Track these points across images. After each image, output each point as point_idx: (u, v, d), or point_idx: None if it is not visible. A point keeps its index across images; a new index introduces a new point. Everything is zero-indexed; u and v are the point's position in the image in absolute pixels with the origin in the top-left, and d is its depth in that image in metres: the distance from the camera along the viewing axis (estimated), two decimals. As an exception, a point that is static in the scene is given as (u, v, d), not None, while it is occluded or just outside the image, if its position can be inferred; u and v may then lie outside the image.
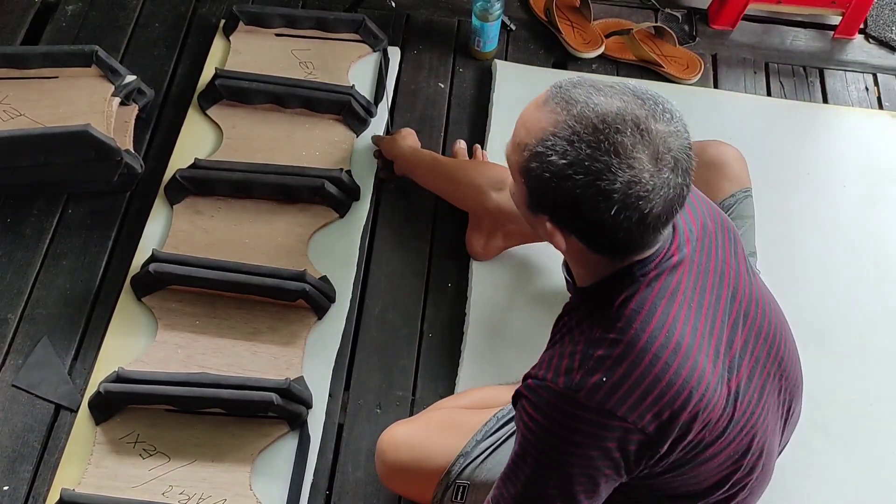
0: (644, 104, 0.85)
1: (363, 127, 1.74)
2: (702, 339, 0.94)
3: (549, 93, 0.88)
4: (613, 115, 0.83)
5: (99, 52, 1.65)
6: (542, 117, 0.86)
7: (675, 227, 0.95)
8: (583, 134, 0.82)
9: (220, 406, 1.36)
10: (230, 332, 1.47)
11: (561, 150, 0.83)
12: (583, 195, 0.83)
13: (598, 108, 0.83)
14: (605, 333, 0.91)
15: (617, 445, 0.90)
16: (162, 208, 1.60)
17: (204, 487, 1.32)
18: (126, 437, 1.35)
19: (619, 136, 0.82)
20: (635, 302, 0.91)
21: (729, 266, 1.02)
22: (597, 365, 0.89)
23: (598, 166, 0.82)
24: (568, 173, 0.83)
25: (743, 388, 0.99)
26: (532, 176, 0.87)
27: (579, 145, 0.82)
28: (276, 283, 1.46)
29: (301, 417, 1.37)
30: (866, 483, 1.43)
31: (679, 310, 0.93)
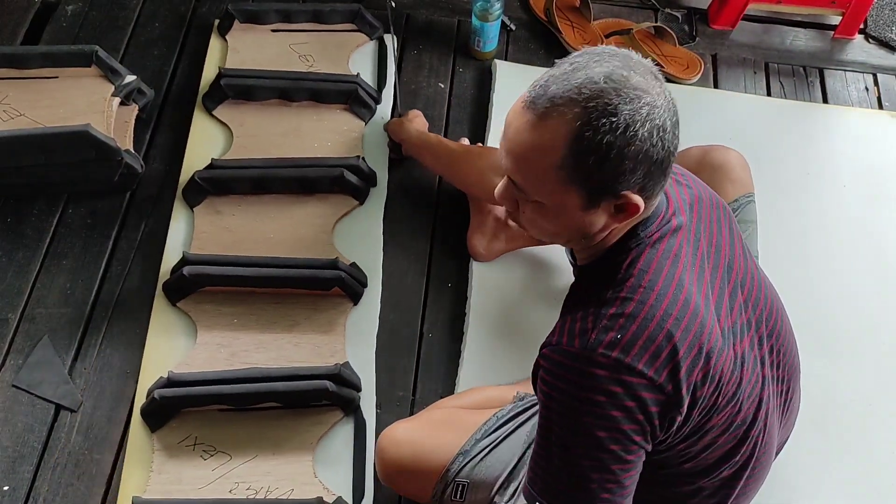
0: (608, 54, 0.88)
1: (370, 114, 1.76)
2: (706, 300, 0.96)
3: (534, 110, 0.87)
4: (610, 70, 0.85)
5: (99, 52, 1.65)
6: (555, 127, 0.86)
7: (668, 194, 0.99)
8: (611, 100, 0.84)
9: (276, 399, 1.38)
10: (270, 327, 1.48)
11: (607, 126, 0.84)
12: (651, 141, 0.85)
13: (594, 76, 0.85)
14: (616, 293, 0.92)
15: (637, 405, 0.90)
16: (182, 212, 1.61)
17: (269, 480, 1.33)
18: (184, 440, 1.37)
19: (633, 79, 0.85)
20: (642, 262, 0.93)
21: (724, 238, 1.04)
22: (610, 323, 0.90)
23: (645, 109, 0.84)
24: (630, 134, 0.84)
25: (747, 353, 1.01)
26: (588, 174, 0.87)
27: (617, 109, 0.84)
28: (311, 273, 1.49)
29: (354, 402, 1.40)
30: (866, 483, 1.43)
31: (683, 271, 0.95)
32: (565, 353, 0.92)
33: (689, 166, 1.35)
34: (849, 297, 1.62)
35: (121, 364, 1.47)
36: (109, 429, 1.40)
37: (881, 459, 1.45)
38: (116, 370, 1.46)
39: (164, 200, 1.65)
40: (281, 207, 1.62)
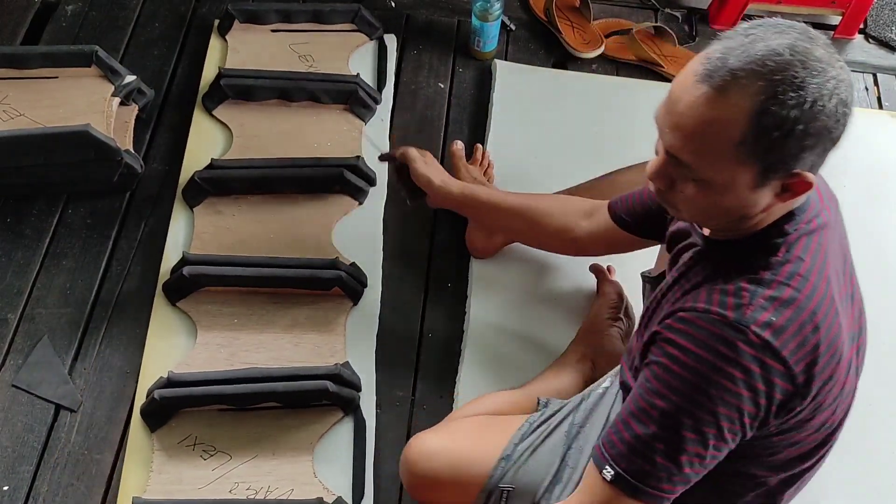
0: (782, 25, 0.86)
1: (370, 114, 1.76)
2: (842, 302, 0.96)
3: (710, 83, 0.83)
4: (792, 42, 0.83)
5: (99, 52, 1.65)
6: (737, 101, 0.82)
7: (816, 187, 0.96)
8: (798, 73, 0.81)
9: (276, 399, 1.37)
10: (270, 327, 1.48)
11: (794, 100, 0.81)
12: (834, 116, 0.83)
13: (778, 47, 0.82)
14: (773, 275, 0.90)
15: (766, 390, 0.89)
16: (182, 212, 1.61)
17: (269, 480, 1.33)
18: (184, 440, 1.36)
19: (816, 52, 0.82)
20: (799, 249, 0.92)
21: (846, 243, 1.04)
22: (766, 303, 0.88)
23: (832, 83, 0.82)
24: (818, 108, 0.81)
25: (852, 361, 1.01)
26: (769, 150, 0.83)
27: (804, 82, 0.81)
28: (311, 273, 1.49)
29: (354, 402, 1.40)
30: (866, 483, 1.43)
31: (830, 269, 0.94)
32: (716, 321, 0.89)
33: None
34: (849, 297, 1.62)
35: (121, 364, 1.47)
36: (109, 429, 1.40)
37: (881, 459, 1.45)
38: (116, 370, 1.46)
39: (164, 200, 1.65)
40: (281, 208, 1.62)
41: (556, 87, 1.87)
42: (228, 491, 1.32)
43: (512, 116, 1.80)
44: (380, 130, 1.76)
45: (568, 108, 1.83)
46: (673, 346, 0.91)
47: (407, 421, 1.45)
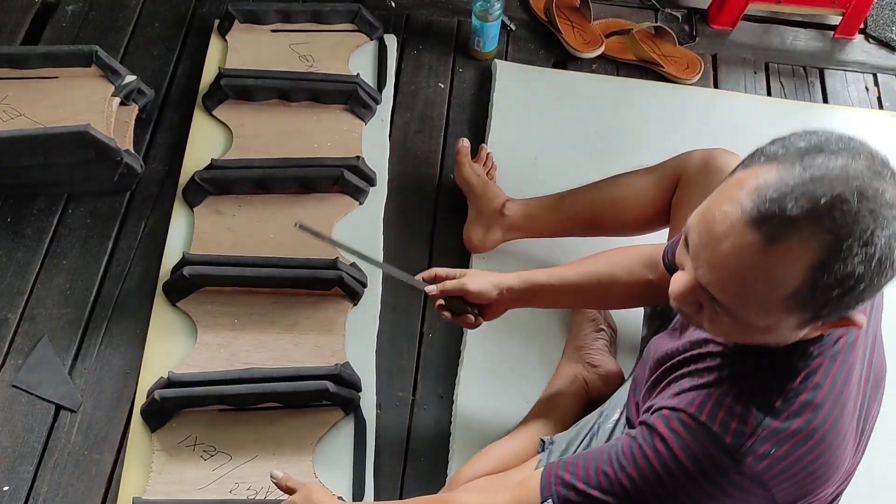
0: (842, 150, 0.74)
1: (370, 114, 1.76)
2: (854, 419, 0.92)
3: (762, 231, 0.73)
4: (860, 185, 0.71)
5: (99, 52, 1.65)
6: (794, 255, 0.72)
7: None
8: (868, 226, 0.71)
9: (276, 400, 1.37)
10: (270, 327, 1.48)
11: (861, 257, 0.71)
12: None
13: (844, 193, 0.71)
14: (785, 405, 0.85)
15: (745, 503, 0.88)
16: (181, 212, 1.61)
17: (269, 480, 1.32)
18: (184, 440, 1.36)
19: (887, 194, 0.72)
20: (819, 376, 0.85)
21: (873, 328, 0.96)
22: (770, 435, 0.84)
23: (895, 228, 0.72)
24: (887, 264, 0.73)
25: (857, 459, 0.99)
26: (824, 304, 0.75)
27: (874, 236, 0.71)
28: (311, 273, 1.49)
29: (354, 402, 1.40)
30: (866, 483, 1.42)
31: (850, 388, 0.88)
32: (712, 441, 0.85)
33: (691, 171, 1.33)
34: (849, 297, 1.62)
35: (121, 364, 1.47)
36: (109, 429, 1.40)
37: (881, 459, 1.45)
38: (116, 370, 1.46)
39: (164, 200, 1.65)
40: (281, 208, 1.62)
41: (556, 87, 1.87)
42: (229, 491, 1.32)
43: (512, 116, 1.80)
44: (380, 132, 1.76)
45: (568, 108, 1.83)
46: (663, 443, 0.89)
47: (407, 421, 1.45)
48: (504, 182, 1.67)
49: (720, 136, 1.78)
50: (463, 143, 1.67)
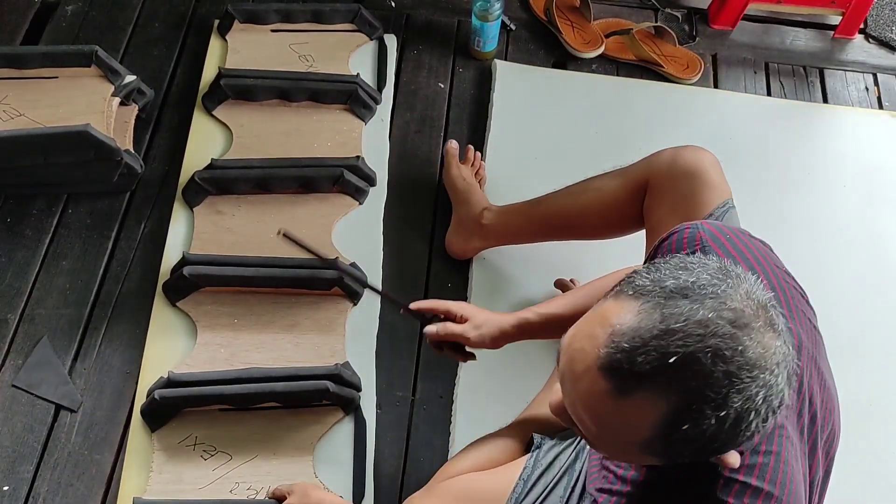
0: (710, 298, 0.71)
1: (370, 114, 1.76)
2: (802, 486, 0.88)
3: (612, 382, 0.71)
4: (718, 344, 0.68)
5: (99, 52, 1.65)
6: (643, 409, 0.71)
7: None
8: (720, 389, 0.68)
9: (276, 400, 1.37)
10: (270, 327, 1.48)
11: (711, 420, 0.69)
12: (762, 420, 0.71)
13: (697, 353, 0.68)
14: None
15: None
16: (181, 212, 1.61)
17: (269, 480, 1.34)
18: (184, 440, 1.37)
19: (749, 353, 0.69)
20: (744, 473, 0.81)
21: (815, 381, 0.94)
22: None
23: (762, 393, 0.69)
24: (741, 428, 0.70)
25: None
26: (680, 454, 0.74)
27: (726, 400, 0.68)
28: (311, 273, 1.49)
29: (354, 402, 1.40)
30: (866, 483, 1.43)
31: (787, 468, 0.84)
32: None
33: (659, 172, 1.30)
34: (849, 297, 1.62)
35: (121, 364, 1.47)
36: (109, 429, 1.40)
37: (881, 459, 1.45)
38: (116, 370, 1.46)
39: (164, 200, 1.65)
40: (282, 207, 1.62)
41: (556, 87, 1.87)
42: (229, 491, 1.32)
43: (512, 116, 1.80)
44: (380, 132, 1.76)
45: (568, 108, 1.83)
46: None
47: (407, 421, 1.45)
48: (503, 183, 1.67)
49: (720, 136, 1.79)
50: (451, 145, 1.67)
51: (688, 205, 1.25)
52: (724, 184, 1.30)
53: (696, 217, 1.25)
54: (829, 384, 0.99)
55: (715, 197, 1.26)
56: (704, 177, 1.27)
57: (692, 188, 1.26)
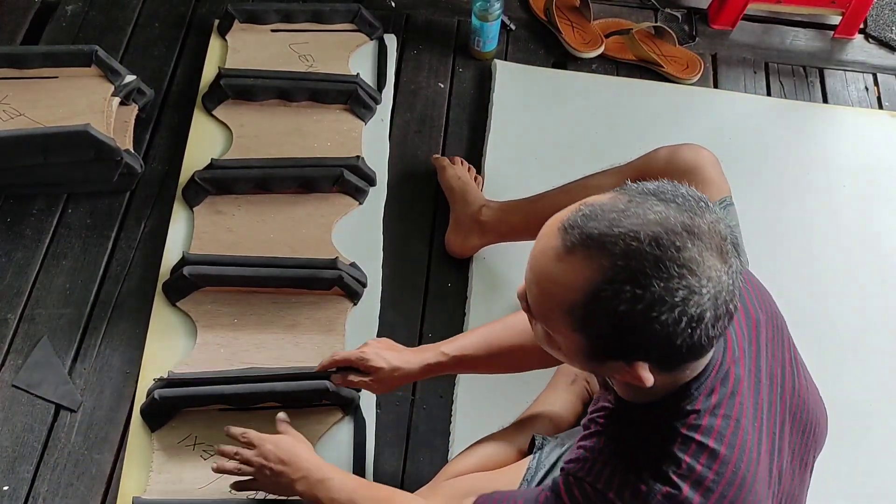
0: (677, 205, 0.76)
1: (370, 114, 1.76)
2: (763, 459, 0.90)
3: (564, 239, 0.77)
4: (661, 233, 0.73)
5: (99, 52, 1.65)
6: (578, 269, 0.76)
7: (727, 335, 0.89)
8: (646, 270, 0.73)
9: (276, 399, 1.37)
10: (270, 327, 1.48)
11: (629, 296, 0.73)
12: (675, 329, 0.74)
13: (640, 233, 0.73)
14: (672, 467, 0.84)
15: None
16: (181, 212, 1.61)
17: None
18: (184, 440, 1.36)
19: (684, 253, 0.73)
20: (700, 433, 0.85)
21: (778, 363, 0.96)
22: (663, 502, 0.84)
23: (682, 293, 0.73)
24: (652, 315, 0.73)
25: (783, 496, 0.98)
26: (597, 333, 0.78)
27: (648, 283, 0.73)
28: (311, 272, 1.49)
29: (354, 402, 1.40)
30: (866, 483, 1.43)
31: (745, 435, 0.87)
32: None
33: (656, 171, 1.27)
34: (849, 297, 1.62)
35: (121, 364, 1.47)
36: (109, 429, 1.40)
37: (881, 459, 1.45)
38: (116, 370, 1.46)
39: (164, 200, 1.65)
40: (281, 207, 1.62)
41: (556, 87, 1.87)
42: (229, 491, 1.32)
43: (512, 116, 1.80)
44: (380, 132, 1.76)
45: (568, 108, 1.83)
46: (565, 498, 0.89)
47: (407, 421, 1.45)
48: (503, 182, 1.67)
49: (720, 136, 1.79)
50: (434, 156, 1.70)
51: None
52: (723, 181, 1.30)
53: None
54: (801, 376, 1.02)
55: (713, 194, 1.27)
56: (701, 174, 1.27)
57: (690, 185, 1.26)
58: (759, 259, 1.60)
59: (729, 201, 1.30)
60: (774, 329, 0.99)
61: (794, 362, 1.01)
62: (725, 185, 1.30)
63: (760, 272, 1.58)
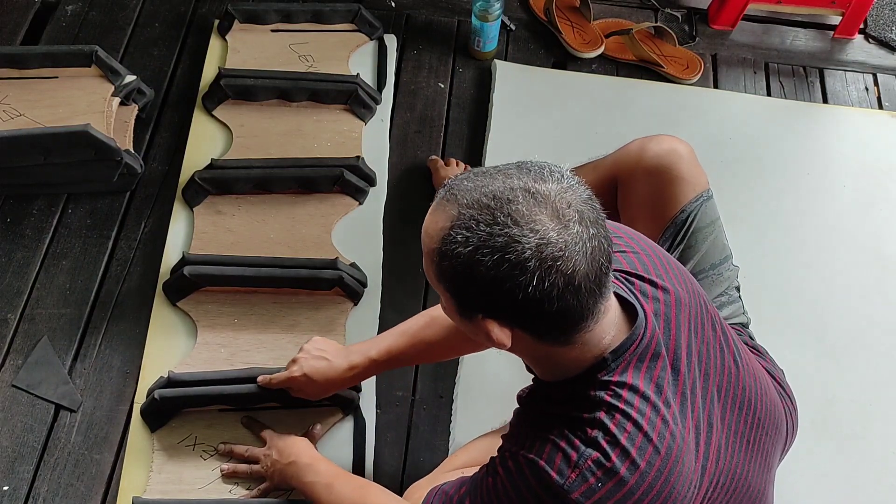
0: (529, 172, 0.83)
1: (370, 114, 1.76)
2: (688, 434, 0.92)
3: (437, 195, 0.86)
4: (501, 189, 0.81)
5: (99, 52, 1.65)
6: (439, 218, 0.84)
7: (644, 307, 0.92)
8: (478, 216, 0.80)
9: (276, 399, 1.37)
10: (270, 327, 1.48)
11: (462, 238, 0.80)
12: (498, 274, 0.79)
13: (486, 188, 0.82)
14: (599, 433, 0.87)
15: None
16: (181, 212, 1.61)
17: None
18: (184, 440, 1.37)
19: (513, 205, 0.80)
20: (624, 403, 0.87)
21: (702, 340, 0.98)
22: (594, 467, 0.86)
23: (501, 240, 0.79)
24: (476, 258, 0.80)
25: (721, 472, 0.98)
26: (447, 276, 0.84)
27: (477, 227, 0.80)
28: (311, 273, 1.49)
29: (353, 402, 1.40)
30: (866, 483, 1.43)
31: (665, 407, 0.90)
32: (538, 476, 0.87)
33: (628, 170, 1.28)
34: (848, 297, 1.62)
35: (121, 364, 1.47)
36: (109, 429, 1.40)
37: (881, 459, 1.45)
38: (116, 370, 1.46)
39: (164, 200, 1.65)
40: (282, 208, 1.62)
41: (556, 87, 1.87)
42: (228, 491, 1.32)
43: (512, 116, 1.80)
44: (380, 132, 1.76)
45: (568, 108, 1.83)
46: (499, 478, 0.91)
47: (407, 421, 1.45)
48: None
49: (720, 136, 1.79)
50: (431, 157, 1.71)
51: (658, 201, 1.24)
52: (699, 175, 1.26)
53: (667, 214, 1.24)
54: (733, 354, 1.03)
55: (687, 191, 1.24)
56: (674, 170, 1.24)
57: (661, 183, 1.24)
58: (759, 258, 1.60)
59: (706, 196, 1.26)
60: (699, 308, 1.00)
61: (722, 341, 1.02)
62: (702, 177, 1.27)
63: (760, 271, 1.58)
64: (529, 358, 0.93)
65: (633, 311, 0.91)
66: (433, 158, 1.71)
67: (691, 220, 1.24)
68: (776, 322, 1.54)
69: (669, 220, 1.24)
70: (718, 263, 1.25)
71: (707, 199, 1.26)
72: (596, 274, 0.81)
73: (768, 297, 1.57)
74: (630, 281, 0.96)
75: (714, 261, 1.25)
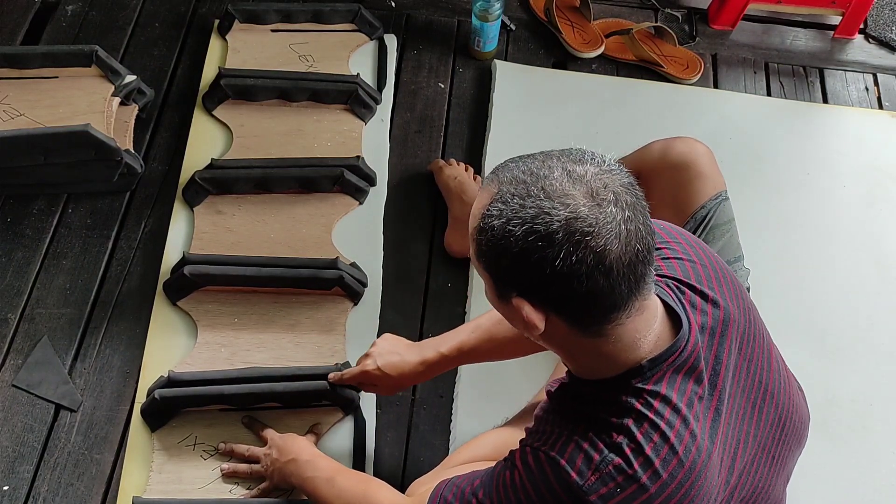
0: (570, 155, 0.84)
1: (370, 114, 1.76)
2: (715, 449, 0.91)
3: (486, 178, 0.88)
4: (539, 165, 0.83)
5: (99, 52, 1.65)
6: (482, 197, 0.86)
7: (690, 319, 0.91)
8: (513, 190, 0.82)
9: (276, 400, 1.37)
10: (270, 327, 1.48)
11: (497, 212, 0.82)
12: (527, 245, 0.79)
13: (525, 165, 0.84)
14: (625, 439, 0.86)
15: None
16: (182, 212, 1.61)
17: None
18: (184, 440, 1.37)
19: (548, 181, 0.81)
20: (654, 413, 0.87)
21: (745, 358, 0.97)
22: (614, 472, 0.85)
23: (532, 211, 0.80)
24: (507, 229, 0.81)
25: (745, 487, 0.98)
26: (483, 252, 0.85)
27: (511, 200, 0.81)
28: (312, 273, 1.49)
29: (354, 402, 1.40)
30: (866, 483, 1.43)
31: (695, 421, 0.89)
32: (558, 475, 0.87)
33: (651, 166, 1.30)
34: (849, 297, 1.62)
35: (121, 364, 1.47)
36: (109, 429, 1.40)
37: (881, 459, 1.45)
38: (116, 370, 1.46)
39: (164, 200, 1.65)
40: (282, 207, 1.62)
41: (556, 87, 1.87)
42: (228, 491, 1.32)
43: (512, 116, 1.80)
44: (380, 132, 1.76)
45: (568, 108, 1.83)
46: (517, 473, 0.91)
47: (407, 421, 1.45)
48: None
49: (720, 136, 1.79)
50: (431, 163, 1.71)
51: (679, 197, 1.26)
52: (718, 175, 1.30)
53: (687, 209, 1.27)
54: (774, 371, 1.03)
55: (708, 188, 1.28)
56: (696, 168, 1.28)
57: (683, 180, 1.27)
58: (760, 258, 1.60)
59: (724, 196, 1.30)
60: (747, 323, 0.99)
61: (767, 359, 1.01)
62: (720, 178, 1.30)
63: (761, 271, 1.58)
64: (563, 350, 0.91)
65: (678, 322, 0.90)
66: (434, 161, 1.70)
67: (710, 216, 1.27)
68: (776, 322, 1.53)
69: (689, 216, 1.27)
70: (732, 262, 1.27)
71: (725, 199, 1.29)
72: (630, 260, 0.80)
73: (768, 297, 1.57)
74: (681, 290, 0.95)
75: (728, 258, 1.27)
